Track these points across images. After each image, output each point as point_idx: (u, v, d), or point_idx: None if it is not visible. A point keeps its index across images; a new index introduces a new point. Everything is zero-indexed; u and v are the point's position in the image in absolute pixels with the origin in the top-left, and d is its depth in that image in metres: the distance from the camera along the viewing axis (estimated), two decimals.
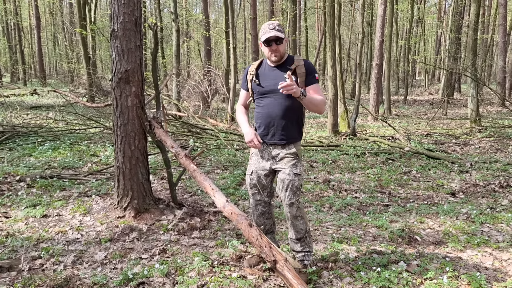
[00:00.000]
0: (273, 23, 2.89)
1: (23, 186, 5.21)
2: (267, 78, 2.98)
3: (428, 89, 28.77)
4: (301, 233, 3.01)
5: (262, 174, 3.04)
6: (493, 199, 5.13)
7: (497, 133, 10.37)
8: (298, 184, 2.92)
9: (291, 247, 3.10)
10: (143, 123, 4.12)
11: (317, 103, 2.86)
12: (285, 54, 2.98)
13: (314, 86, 2.94)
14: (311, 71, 2.93)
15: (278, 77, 2.87)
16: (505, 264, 3.32)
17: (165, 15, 26.07)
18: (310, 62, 2.98)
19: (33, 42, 32.61)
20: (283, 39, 2.88)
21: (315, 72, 2.95)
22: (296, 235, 3.02)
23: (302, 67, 2.91)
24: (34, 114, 12.27)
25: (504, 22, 18.05)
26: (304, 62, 2.94)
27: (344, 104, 11.61)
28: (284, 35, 2.90)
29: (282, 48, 2.92)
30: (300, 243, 3.04)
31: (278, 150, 2.97)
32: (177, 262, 3.26)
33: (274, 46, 2.88)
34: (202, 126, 9.85)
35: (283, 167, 2.94)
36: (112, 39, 3.98)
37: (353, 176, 6.36)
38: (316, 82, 2.95)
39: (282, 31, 2.87)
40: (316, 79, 2.94)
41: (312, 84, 2.93)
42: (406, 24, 30.30)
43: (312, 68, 2.95)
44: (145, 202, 4.24)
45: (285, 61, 2.98)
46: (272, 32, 2.84)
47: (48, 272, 3.12)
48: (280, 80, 2.79)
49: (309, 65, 2.96)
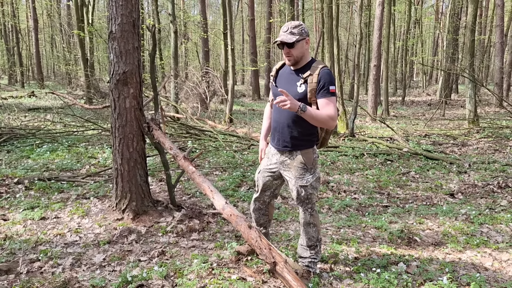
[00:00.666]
0: (288, 24, 2.75)
1: (21, 189, 5.19)
2: (283, 81, 2.88)
3: (426, 90, 28.83)
4: (312, 240, 3.00)
5: (268, 175, 3.04)
6: (492, 199, 5.14)
7: (495, 133, 10.39)
8: (305, 194, 2.86)
9: (299, 253, 3.09)
10: (141, 124, 4.11)
11: (320, 119, 2.64)
12: (303, 58, 2.78)
13: (324, 100, 2.68)
14: (325, 83, 2.67)
15: (292, 82, 2.79)
16: (504, 265, 3.32)
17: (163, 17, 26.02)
18: (327, 72, 2.70)
19: (30, 44, 32.52)
20: (293, 43, 2.69)
21: (330, 84, 2.67)
22: (307, 242, 3.01)
23: (316, 76, 2.68)
24: (32, 116, 12.23)
25: (501, 23, 18.10)
26: (320, 72, 2.69)
27: (343, 105, 11.61)
28: (299, 37, 2.70)
29: (296, 52, 2.73)
30: (310, 251, 3.02)
31: (285, 157, 2.90)
32: (176, 264, 3.25)
33: (286, 50, 2.74)
34: (200, 128, 9.84)
35: (290, 177, 2.89)
36: (110, 40, 3.97)
37: (352, 177, 6.36)
38: (328, 96, 2.67)
39: (295, 34, 2.70)
40: (330, 92, 2.67)
41: (323, 97, 2.68)
42: (403, 25, 30.38)
43: (327, 79, 2.68)
44: (144, 204, 4.23)
45: (305, 65, 2.79)
46: (282, 35, 2.72)
47: (46, 275, 3.11)
48: (292, 86, 2.75)
49: (324, 75, 2.68)
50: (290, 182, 2.90)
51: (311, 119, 2.64)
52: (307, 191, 2.86)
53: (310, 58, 2.84)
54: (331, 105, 2.68)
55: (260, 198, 3.17)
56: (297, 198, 2.90)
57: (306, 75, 2.73)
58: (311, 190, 2.87)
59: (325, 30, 10.91)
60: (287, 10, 15.78)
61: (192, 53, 31.65)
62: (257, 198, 3.19)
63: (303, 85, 2.73)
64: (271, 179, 3.04)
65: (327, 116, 2.65)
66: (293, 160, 2.85)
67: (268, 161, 3.03)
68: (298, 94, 2.74)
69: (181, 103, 14.05)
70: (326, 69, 2.72)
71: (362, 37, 13.14)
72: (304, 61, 2.80)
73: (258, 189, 3.14)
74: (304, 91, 2.73)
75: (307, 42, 2.76)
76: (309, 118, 2.63)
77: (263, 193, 3.14)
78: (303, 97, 2.73)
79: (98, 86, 17.34)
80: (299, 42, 2.72)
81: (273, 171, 3.00)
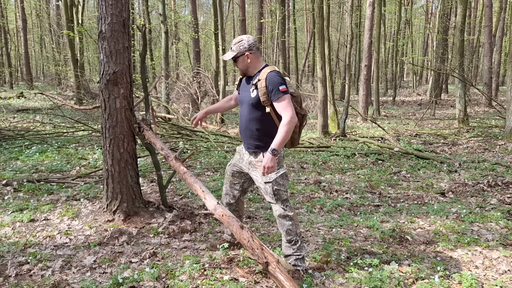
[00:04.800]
0: (233, 40, 3.03)
1: (9, 190, 5.11)
2: (243, 89, 3.13)
3: (416, 90, 29.04)
4: (291, 234, 3.03)
5: (237, 170, 3.26)
6: (482, 198, 5.18)
7: (484, 133, 10.49)
8: (271, 190, 2.98)
9: (283, 252, 3.12)
10: (132, 125, 4.07)
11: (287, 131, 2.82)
12: (251, 68, 3.02)
13: (279, 103, 2.85)
14: (274, 85, 2.84)
15: (247, 89, 3.05)
16: (495, 263, 3.35)
17: (153, 17, 25.90)
18: (273, 76, 2.88)
19: (19, 44, 32.16)
20: (235, 57, 2.99)
21: (278, 85, 2.84)
22: (286, 236, 3.04)
23: (264, 81, 2.87)
24: (21, 117, 12.10)
25: (489, 24, 18.31)
26: (267, 76, 2.88)
27: (334, 105, 11.65)
28: (237, 54, 2.97)
29: (239, 65, 3.02)
30: (292, 246, 3.04)
31: (252, 158, 3.08)
32: (168, 265, 3.22)
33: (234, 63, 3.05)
34: (191, 128, 9.80)
35: (257, 175, 3.06)
36: (100, 40, 3.93)
37: (344, 177, 6.38)
38: (281, 95, 2.84)
39: (234, 50, 2.98)
40: (281, 92, 2.84)
41: (276, 98, 2.85)
42: (394, 25, 30.57)
43: (275, 82, 2.85)
44: (135, 205, 4.19)
45: (256, 73, 3.01)
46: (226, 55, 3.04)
47: (35, 277, 3.06)
48: (247, 92, 3.02)
49: (270, 79, 2.86)
50: (256, 181, 3.08)
51: (285, 140, 2.84)
52: (272, 187, 2.98)
53: (263, 65, 3.04)
54: (287, 106, 2.85)
55: (230, 192, 3.36)
56: (266, 195, 3.05)
57: (255, 81, 2.95)
58: (276, 186, 2.98)
59: (316, 31, 10.92)
60: (278, 11, 15.78)
61: (183, 53, 31.55)
62: (227, 193, 3.38)
63: (255, 91, 2.94)
64: (240, 172, 3.25)
65: (287, 121, 2.82)
66: (257, 160, 3.03)
67: (240, 159, 3.22)
68: (252, 99, 2.97)
69: (172, 104, 14.00)
70: (272, 73, 2.90)
71: (353, 37, 13.20)
72: (254, 70, 3.03)
73: (226, 182, 3.35)
74: (256, 95, 2.93)
75: (248, 56, 2.98)
76: (284, 142, 2.84)
77: (233, 186, 3.33)
78: (257, 101, 2.94)
79: (88, 86, 17.21)
80: (239, 57, 2.99)
81: (242, 168, 3.21)
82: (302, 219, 4.39)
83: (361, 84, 15.48)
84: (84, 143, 8.40)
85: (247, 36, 3.04)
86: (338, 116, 11.64)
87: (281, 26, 16.42)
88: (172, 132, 9.40)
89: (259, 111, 2.95)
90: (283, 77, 2.94)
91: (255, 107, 2.95)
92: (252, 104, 2.95)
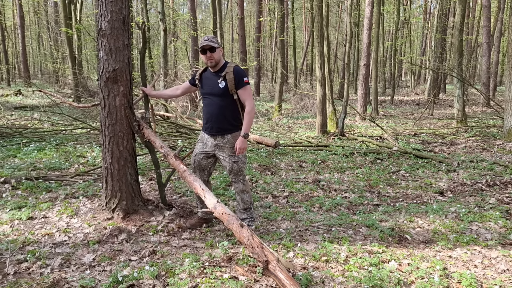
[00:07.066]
0: (207, 36, 3.58)
1: (7, 188, 5.09)
2: (208, 82, 3.69)
3: (414, 89, 29.06)
4: (247, 204, 3.83)
5: (204, 156, 3.80)
6: (481, 197, 5.19)
7: (482, 132, 10.51)
8: (237, 168, 3.69)
9: (239, 216, 3.79)
10: (132, 123, 4.06)
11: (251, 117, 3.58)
12: (221, 61, 3.63)
13: (242, 89, 3.56)
14: (240, 77, 3.53)
15: (214, 81, 3.62)
16: (494, 262, 3.35)
17: (152, 15, 25.85)
18: (239, 68, 3.58)
19: (17, 41, 32.06)
20: (215, 48, 3.52)
21: (243, 77, 3.55)
22: (243, 206, 3.83)
23: (231, 73, 3.52)
24: (19, 115, 12.06)
25: (488, 24, 18.33)
26: (233, 70, 3.54)
27: (332, 104, 11.65)
28: (217, 45, 3.53)
29: (216, 55, 3.56)
30: (246, 213, 3.84)
31: (218, 140, 3.68)
32: (167, 263, 3.21)
33: (208, 54, 3.54)
34: (190, 127, 9.79)
35: (224, 155, 3.68)
36: (100, 37, 3.91)
37: (342, 176, 6.38)
38: (244, 86, 3.55)
39: (215, 42, 3.53)
40: (245, 83, 3.55)
41: (241, 88, 3.55)
42: (392, 25, 30.63)
43: (240, 74, 3.54)
44: (134, 203, 4.18)
45: (221, 68, 3.61)
46: (206, 42, 3.51)
47: (34, 275, 3.05)
48: (215, 85, 3.59)
49: (237, 71, 3.55)
50: (224, 160, 3.70)
51: (250, 125, 3.60)
52: (238, 165, 3.69)
53: (224, 61, 3.67)
54: (249, 95, 3.59)
55: (200, 178, 3.79)
56: (231, 172, 3.71)
57: (223, 73, 3.56)
58: (241, 164, 3.71)
59: (315, 30, 10.91)
60: (276, 9, 15.76)
61: (181, 51, 31.52)
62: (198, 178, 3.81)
63: (223, 82, 3.56)
64: (206, 158, 3.81)
65: (251, 109, 3.58)
66: (226, 142, 3.66)
67: (203, 145, 3.79)
68: (221, 89, 3.58)
69: (171, 102, 13.97)
70: (237, 67, 3.60)
71: (352, 36, 13.20)
72: (220, 64, 3.64)
73: (196, 170, 3.86)
74: (224, 86, 3.56)
75: (221, 50, 3.64)
76: (250, 127, 3.58)
77: (202, 172, 3.87)
78: (225, 90, 3.57)
79: (86, 84, 17.16)
80: (217, 49, 3.56)
81: (208, 153, 3.77)
82: (301, 218, 4.39)
83: (359, 83, 15.48)
84: (83, 141, 8.38)
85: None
86: (336, 115, 11.64)
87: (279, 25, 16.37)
88: (170, 130, 9.39)
89: (229, 99, 3.59)
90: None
91: (225, 95, 3.57)
92: (222, 93, 3.57)
